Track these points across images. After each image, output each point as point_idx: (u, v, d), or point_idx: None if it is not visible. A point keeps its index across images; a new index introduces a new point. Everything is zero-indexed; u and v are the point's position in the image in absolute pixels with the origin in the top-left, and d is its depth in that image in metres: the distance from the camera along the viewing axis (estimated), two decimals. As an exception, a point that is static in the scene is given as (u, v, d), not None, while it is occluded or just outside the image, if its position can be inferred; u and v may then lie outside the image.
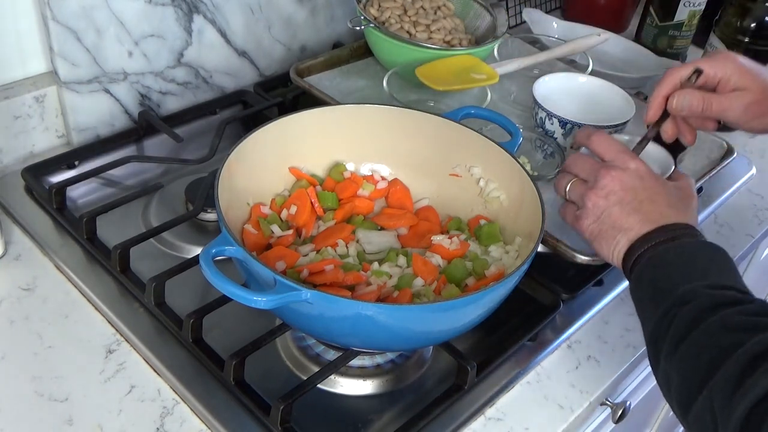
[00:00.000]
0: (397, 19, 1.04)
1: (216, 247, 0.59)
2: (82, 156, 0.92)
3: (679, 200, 0.70)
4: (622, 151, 0.71)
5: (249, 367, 0.68)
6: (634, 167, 0.69)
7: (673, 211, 0.68)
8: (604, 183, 0.69)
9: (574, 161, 0.74)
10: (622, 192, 0.68)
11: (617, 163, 0.70)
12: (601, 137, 0.72)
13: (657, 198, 0.68)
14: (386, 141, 0.80)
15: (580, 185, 0.72)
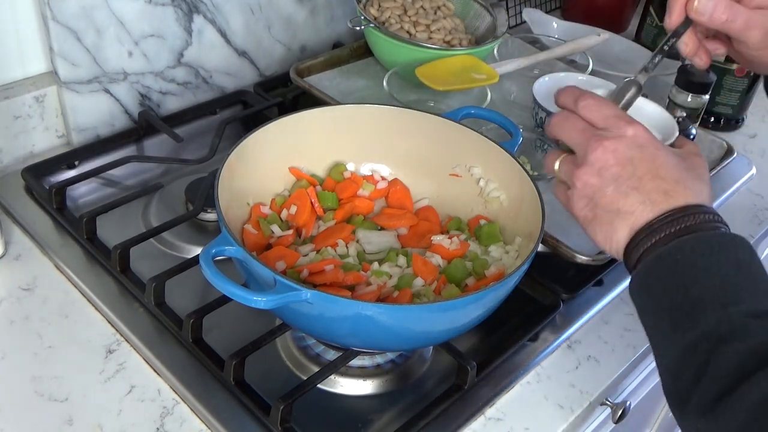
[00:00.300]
0: (397, 19, 1.04)
1: (216, 247, 0.59)
2: (82, 156, 0.92)
3: (687, 172, 0.58)
4: (617, 115, 0.59)
5: (249, 367, 0.68)
6: (631, 134, 0.57)
7: (680, 188, 0.56)
8: (595, 157, 0.57)
9: (560, 125, 0.61)
10: (617, 167, 0.57)
11: (611, 131, 0.58)
12: (591, 100, 0.60)
13: (661, 171, 0.56)
14: (386, 141, 0.80)
15: (569, 162, 0.60)
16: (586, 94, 0.60)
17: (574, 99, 0.60)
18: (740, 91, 1.17)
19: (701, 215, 0.55)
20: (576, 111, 0.60)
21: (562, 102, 0.62)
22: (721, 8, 0.63)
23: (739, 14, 0.63)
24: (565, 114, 0.61)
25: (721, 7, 0.63)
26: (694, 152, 0.62)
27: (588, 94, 0.60)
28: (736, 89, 1.17)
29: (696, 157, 0.62)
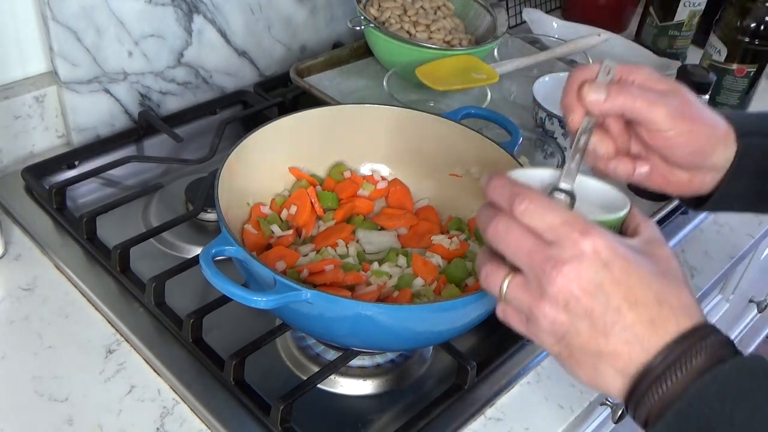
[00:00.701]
0: (397, 19, 1.04)
1: (216, 247, 0.59)
2: (82, 156, 0.92)
3: (664, 281, 0.47)
4: (566, 223, 0.46)
5: (249, 367, 0.68)
6: (590, 249, 0.46)
7: (666, 311, 0.46)
8: (556, 289, 0.46)
9: (499, 237, 0.48)
10: (587, 298, 0.46)
11: (565, 248, 0.46)
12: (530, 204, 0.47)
13: (638, 293, 0.46)
14: (386, 141, 0.80)
15: (521, 288, 0.48)
16: (522, 194, 0.47)
17: (509, 200, 0.48)
18: (740, 91, 1.17)
19: (701, 343, 0.46)
20: (514, 216, 0.48)
21: (494, 199, 0.49)
22: (614, 91, 0.55)
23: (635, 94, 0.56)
24: (504, 222, 0.48)
25: (614, 90, 0.55)
26: (656, 240, 0.51)
27: (525, 194, 0.47)
28: (736, 89, 1.17)
29: (660, 247, 0.50)
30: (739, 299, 1.41)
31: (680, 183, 0.62)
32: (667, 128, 0.56)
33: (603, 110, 0.56)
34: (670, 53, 1.32)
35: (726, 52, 1.14)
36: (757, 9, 1.11)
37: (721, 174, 0.61)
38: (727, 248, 0.97)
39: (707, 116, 0.59)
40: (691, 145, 0.58)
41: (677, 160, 0.59)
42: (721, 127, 0.60)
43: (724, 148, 0.60)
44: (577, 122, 0.57)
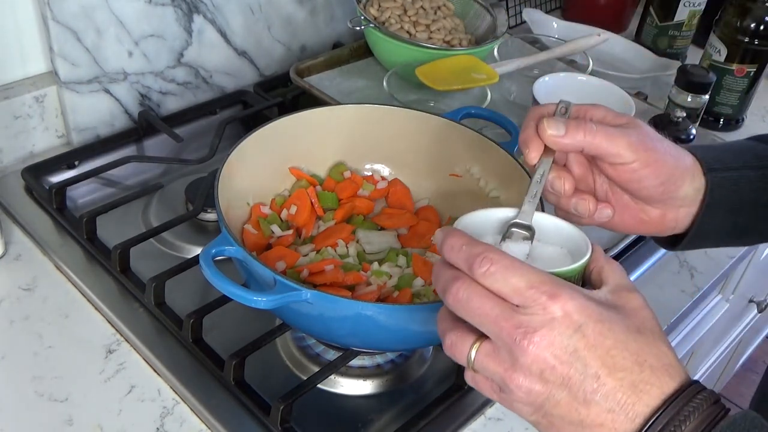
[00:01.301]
0: (397, 19, 1.04)
1: (216, 247, 0.59)
2: (82, 156, 0.92)
3: (641, 339, 0.44)
4: (531, 285, 0.43)
5: (249, 367, 0.68)
6: (561, 314, 0.43)
7: (647, 373, 0.43)
8: (529, 359, 0.43)
9: (463, 305, 0.45)
10: (562, 366, 0.43)
11: (535, 313, 0.43)
12: (492, 266, 0.43)
13: (617, 357, 0.43)
14: (386, 141, 0.80)
15: (491, 357, 0.45)
16: (481, 255, 0.44)
17: (467, 262, 0.44)
18: (740, 91, 1.17)
19: (690, 405, 0.43)
20: (474, 280, 0.44)
21: (451, 260, 0.45)
22: (573, 126, 0.53)
23: (594, 129, 0.54)
24: (465, 287, 0.44)
25: (573, 125, 0.53)
26: (624, 286, 0.47)
27: (485, 255, 0.44)
28: (736, 89, 1.17)
29: (630, 295, 0.47)
30: (739, 299, 1.41)
31: (654, 222, 0.60)
32: (631, 159, 0.55)
33: (562, 146, 0.54)
34: (670, 53, 1.32)
35: (726, 52, 1.14)
36: (757, 9, 1.11)
37: (692, 208, 0.59)
38: (727, 248, 0.97)
39: (670, 148, 0.57)
40: (659, 176, 0.56)
41: (647, 193, 0.57)
42: (686, 158, 0.58)
43: (692, 179, 0.58)
44: (534, 157, 0.55)
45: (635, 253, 0.90)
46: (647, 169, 0.55)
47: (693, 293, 0.89)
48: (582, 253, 0.49)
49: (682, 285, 0.90)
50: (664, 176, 0.56)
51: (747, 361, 2.01)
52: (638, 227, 0.61)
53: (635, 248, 0.90)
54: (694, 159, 0.59)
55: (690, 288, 0.90)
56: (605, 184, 0.59)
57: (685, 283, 0.90)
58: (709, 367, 1.60)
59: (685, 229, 0.61)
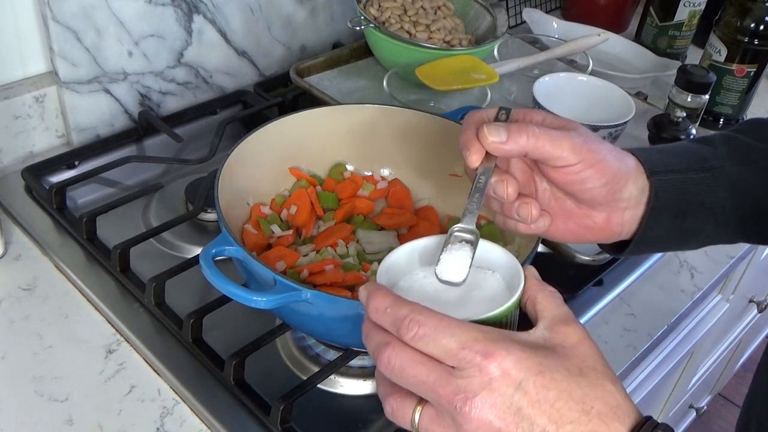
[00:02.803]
0: (397, 19, 1.04)
1: (216, 247, 0.59)
2: (82, 156, 0.92)
3: (585, 381, 0.43)
4: (464, 345, 0.41)
5: (249, 367, 0.68)
6: (499, 373, 0.41)
7: (595, 420, 0.42)
8: (474, 425, 0.41)
9: (397, 371, 0.43)
10: (508, 428, 0.41)
11: (471, 375, 0.41)
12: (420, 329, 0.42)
13: (562, 409, 0.41)
14: (386, 141, 0.80)
15: (435, 421, 0.43)
16: (408, 317, 0.42)
17: (394, 325, 0.43)
18: (740, 91, 1.17)
19: None
20: (404, 342, 0.42)
21: (379, 323, 0.44)
22: (515, 131, 0.52)
23: (536, 133, 0.52)
24: (396, 352, 0.42)
25: (514, 130, 0.52)
26: (560, 318, 0.46)
27: (411, 318, 0.42)
28: (736, 89, 1.17)
29: (567, 329, 0.45)
30: (739, 299, 1.41)
31: (599, 227, 0.58)
32: (575, 161, 0.53)
33: (505, 152, 0.53)
34: (670, 53, 1.32)
35: (726, 52, 1.14)
36: (757, 9, 1.11)
37: (636, 210, 0.58)
38: (727, 248, 0.97)
39: (612, 150, 0.56)
40: (602, 177, 0.55)
41: (590, 195, 0.56)
42: (629, 160, 0.57)
43: (635, 180, 0.57)
44: (475, 161, 0.53)
45: (635, 253, 0.90)
46: (591, 170, 0.54)
47: (693, 293, 0.89)
48: (515, 283, 0.47)
49: (682, 285, 0.90)
50: (608, 177, 0.55)
51: (747, 361, 2.01)
52: (584, 234, 0.59)
53: (635, 248, 0.90)
54: (636, 161, 0.58)
55: (690, 288, 0.90)
56: (547, 192, 0.58)
57: (685, 283, 0.90)
58: (709, 367, 1.60)
59: (631, 234, 0.59)
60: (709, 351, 1.51)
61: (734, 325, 1.60)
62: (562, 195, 0.58)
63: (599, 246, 0.65)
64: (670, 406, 1.46)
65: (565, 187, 0.56)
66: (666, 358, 1.11)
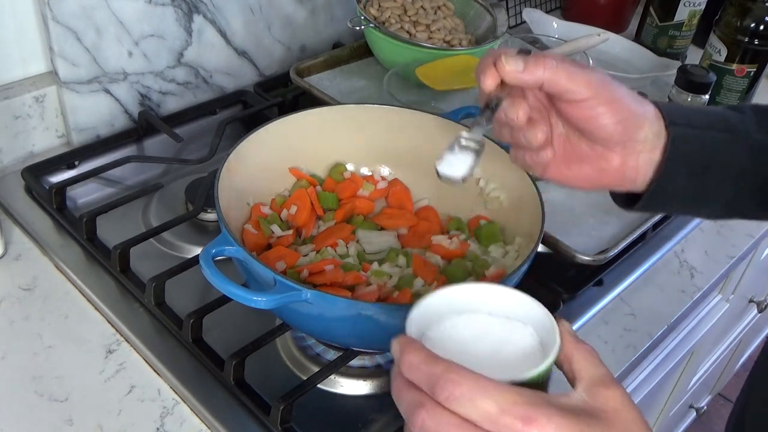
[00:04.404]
0: (397, 19, 1.04)
1: (216, 247, 0.59)
2: (82, 156, 0.92)
3: None
4: (503, 410, 0.38)
5: (249, 367, 0.68)
6: None
7: None
8: None
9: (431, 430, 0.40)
10: None
11: None
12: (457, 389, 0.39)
13: None
14: (386, 141, 0.80)
15: None
16: (444, 377, 0.39)
17: (429, 384, 0.40)
18: (740, 91, 1.17)
19: None
20: (439, 402, 0.40)
21: (412, 380, 0.41)
22: (532, 63, 0.53)
23: (554, 66, 0.53)
24: (431, 414, 0.40)
25: (532, 62, 0.53)
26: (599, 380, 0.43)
27: (448, 378, 0.39)
28: (736, 89, 1.17)
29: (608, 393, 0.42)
30: (739, 299, 1.41)
31: (614, 170, 0.58)
32: (589, 96, 0.54)
33: (522, 81, 0.54)
34: (670, 53, 1.32)
35: (726, 52, 1.14)
36: (757, 9, 1.11)
37: (653, 154, 0.57)
38: (727, 248, 0.97)
39: (631, 94, 0.56)
40: (616, 114, 0.55)
41: (605, 133, 0.56)
42: (648, 107, 0.57)
43: (651, 124, 0.56)
44: (489, 85, 0.55)
45: (635, 253, 0.90)
46: (605, 106, 0.54)
47: (693, 293, 0.89)
48: (549, 339, 0.46)
49: (682, 285, 0.90)
50: (622, 115, 0.55)
51: (747, 361, 2.01)
52: (598, 178, 0.59)
53: (635, 248, 0.90)
54: (656, 110, 0.57)
55: (690, 288, 0.90)
56: (563, 136, 0.59)
57: (685, 283, 0.90)
58: (709, 367, 1.60)
59: (646, 184, 0.58)
60: (709, 351, 1.51)
61: (734, 325, 1.60)
62: (577, 138, 0.58)
63: (612, 198, 0.64)
64: (670, 406, 1.46)
65: (579, 124, 0.56)
66: (666, 358, 1.11)
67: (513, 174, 0.74)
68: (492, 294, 0.50)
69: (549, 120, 0.58)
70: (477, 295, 0.50)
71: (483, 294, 0.50)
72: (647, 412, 1.31)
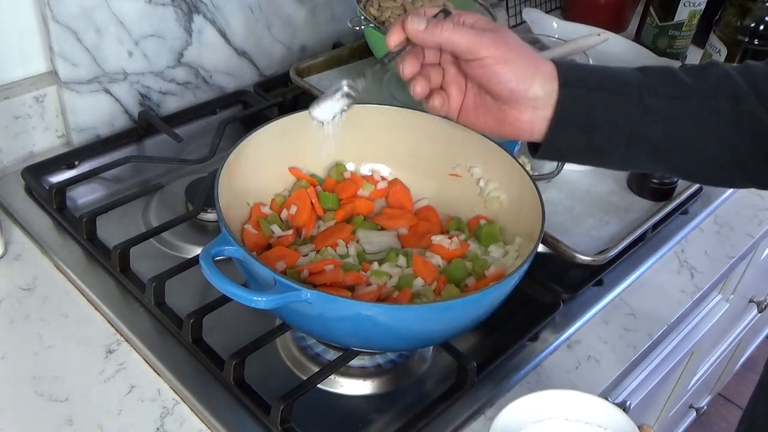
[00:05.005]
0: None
1: (216, 247, 0.59)
2: (82, 156, 0.92)
3: None
4: None
5: (249, 367, 0.68)
6: None
7: None
8: None
9: None
10: None
11: None
12: None
13: None
14: (386, 141, 0.80)
15: None
16: None
17: None
18: (740, 91, 1.17)
19: None
20: None
21: None
22: (434, 24, 0.60)
23: (450, 29, 0.60)
24: None
25: (434, 23, 0.60)
26: None
27: None
28: (736, 89, 1.17)
29: None
30: (739, 299, 1.41)
31: (511, 123, 0.64)
32: (483, 55, 0.60)
33: (421, 39, 0.61)
34: (670, 53, 1.32)
35: (726, 52, 1.14)
36: (757, 9, 1.11)
37: (545, 112, 0.62)
38: (727, 248, 0.97)
39: (529, 52, 0.62)
40: (510, 71, 0.60)
41: (499, 90, 0.61)
42: (545, 65, 0.61)
43: (543, 83, 0.61)
44: (392, 41, 0.63)
45: (635, 253, 0.90)
46: (499, 65, 0.60)
47: (693, 293, 0.89)
48: None
49: (682, 285, 0.90)
50: (517, 72, 0.60)
51: (747, 361, 2.01)
52: (499, 128, 0.65)
53: (635, 248, 0.90)
54: (554, 69, 0.62)
55: (690, 288, 0.90)
56: (473, 89, 0.65)
57: (685, 283, 0.90)
58: (709, 367, 1.60)
59: (541, 138, 0.64)
60: (709, 351, 1.51)
61: (734, 325, 1.60)
62: (481, 91, 0.64)
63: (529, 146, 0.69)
64: (670, 406, 1.46)
65: (479, 80, 0.62)
66: (666, 358, 1.11)
67: (513, 174, 0.74)
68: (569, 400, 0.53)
69: (463, 76, 0.65)
70: (554, 401, 0.53)
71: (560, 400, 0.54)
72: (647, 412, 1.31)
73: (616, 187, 0.92)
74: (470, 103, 0.66)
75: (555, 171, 0.88)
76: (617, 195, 0.91)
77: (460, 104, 0.66)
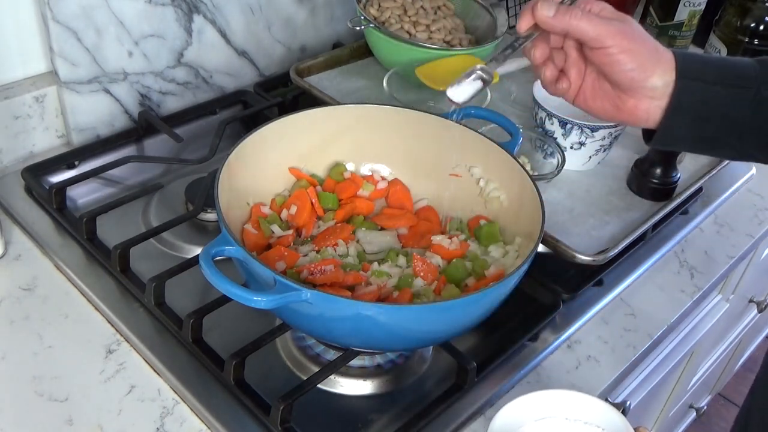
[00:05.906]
0: (397, 19, 1.04)
1: (216, 247, 0.59)
2: (82, 156, 0.92)
3: None
4: None
5: (249, 367, 0.68)
6: None
7: None
8: None
9: None
10: None
11: None
12: None
13: None
14: (386, 141, 0.80)
15: None
16: None
17: None
18: (740, 91, 1.17)
19: None
20: None
21: None
22: (562, 11, 0.62)
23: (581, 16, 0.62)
24: None
25: (562, 10, 0.62)
26: None
27: None
28: (736, 89, 1.17)
29: None
30: (739, 299, 1.41)
31: (628, 110, 0.65)
32: (609, 44, 0.61)
33: (549, 25, 0.63)
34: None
35: (726, 52, 1.14)
36: (757, 9, 1.11)
37: (661, 101, 0.63)
38: (727, 248, 0.97)
39: (651, 41, 0.63)
40: (631, 62, 0.62)
41: (620, 78, 0.63)
42: (665, 55, 0.63)
43: (662, 73, 0.63)
44: (522, 27, 0.64)
45: (635, 253, 0.90)
46: (622, 54, 0.62)
47: (693, 293, 0.89)
48: None
49: (682, 285, 0.90)
50: (638, 63, 0.62)
51: (747, 361, 2.01)
52: (616, 114, 0.66)
53: (635, 248, 0.90)
54: (673, 60, 0.63)
55: (690, 288, 0.90)
56: (593, 74, 0.66)
57: (685, 283, 0.90)
58: (709, 367, 1.60)
59: (656, 126, 0.65)
60: (709, 351, 1.51)
61: (734, 325, 1.60)
62: (600, 77, 0.66)
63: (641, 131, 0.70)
64: (670, 406, 1.46)
65: (601, 67, 0.64)
66: (666, 358, 1.11)
67: (513, 174, 0.74)
68: (568, 400, 0.55)
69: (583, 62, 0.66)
70: (553, 400, 0.54)
71: (559, 400, 0.55)
72: (647, 412, 1.31)
73: (616, 187, 0.92)
74: (588, 87, 0.67)
75: (555, 171, 0.88)
76: (617, 195, 0.91)
77: (578, 88, 0.68)
